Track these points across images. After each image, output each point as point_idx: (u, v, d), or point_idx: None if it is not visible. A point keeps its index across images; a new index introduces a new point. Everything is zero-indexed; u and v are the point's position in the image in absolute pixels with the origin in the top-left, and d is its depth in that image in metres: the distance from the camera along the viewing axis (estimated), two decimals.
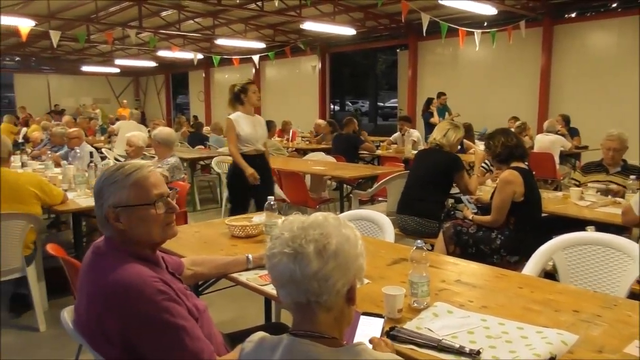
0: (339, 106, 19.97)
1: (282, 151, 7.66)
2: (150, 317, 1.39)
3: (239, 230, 2.66)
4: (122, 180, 1.52)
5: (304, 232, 1.11)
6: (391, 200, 4.77)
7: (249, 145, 4.48)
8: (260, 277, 2.06)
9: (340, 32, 11.23)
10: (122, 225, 1.52)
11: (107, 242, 1.56)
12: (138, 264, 1.49)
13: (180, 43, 14.49)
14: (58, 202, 3.67)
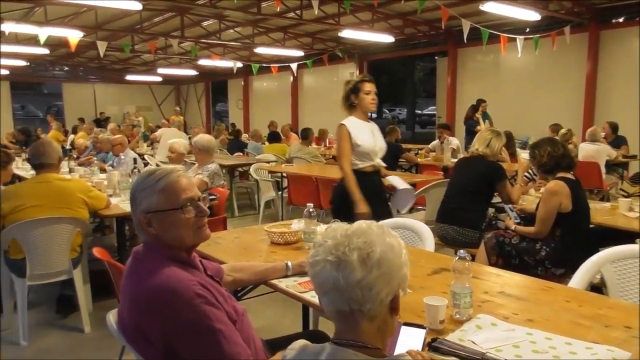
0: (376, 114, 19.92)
1: (319, 159, 7.69)
2: (188, 320, 1.41)
3: (278, 237, 2.67)
4: (152, 186, 1.56)
5: (347, 240, 1.10)
6: (430, 208, 4.71)
7: (366, 160, 3.54)
8: (299, 284, 2.06)
9: (378, 39, 11.21)
10: (154, 230, 1.55)
11: (145, 246, 1.59)
12: (176, 268, 1.51)
13: (221, 52, 14.79)
14: (103, 207, 3.79)
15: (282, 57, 14.56)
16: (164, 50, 14.60)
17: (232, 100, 21.46)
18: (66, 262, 3.49)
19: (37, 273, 3.39)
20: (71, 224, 3.45)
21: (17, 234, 3.30)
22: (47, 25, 9.45)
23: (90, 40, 11.42)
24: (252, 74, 16.99)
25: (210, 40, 12.96)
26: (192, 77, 20.45)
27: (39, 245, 3.35)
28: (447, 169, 6.72)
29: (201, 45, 13.71)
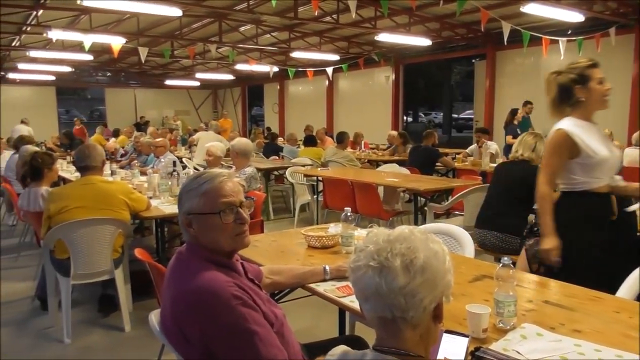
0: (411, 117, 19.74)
1: (355, 162, 7.66)
2: (225, 321, 1.43)
3: (315, 241, 2.67)
4: (195, 189, 1.60)
5: (389, 246, 1.09)
6: (468, 214, 4.62)
7: (600, 176, 2.56)
8: (337, 288, 2.05)
9: (415, 42, 11.12)
10: (193, 231, 1.59)
11: (188, 247, 1.63)
12: (214, 270, 1.53)
13: (257, 56, 14.97)
14: (143, 209, 3.88)
15: (317, 61, 14.62)
16: (202, 55, 14.89)
17: (267, 104, 21.68)
18: (108, 263, 3.59)
19: (80, 272, 3.50)
20: (113, 225, 3.54)
21: (62, 234, 3.42)
22: (91, 33, 9.79)
23: (132, 47, 11.76)
24: (287, 78, 17.13)
25: (247, 45, 13.14)
26: (229, 82, 20.77)
27: (82, 245, 3.46)
28: (486, 173, 6.59)
29: (238, 50, 13.92)
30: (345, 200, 5.55)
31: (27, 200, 4.25)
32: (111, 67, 18.33)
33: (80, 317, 3.89)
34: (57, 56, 13.66)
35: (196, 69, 18.45)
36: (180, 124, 19.10)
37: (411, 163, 7.23)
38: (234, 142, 4.84)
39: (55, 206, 3.47)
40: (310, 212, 7.29)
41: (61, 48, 12.82)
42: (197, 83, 20.40)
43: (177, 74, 20.08)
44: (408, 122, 17.60)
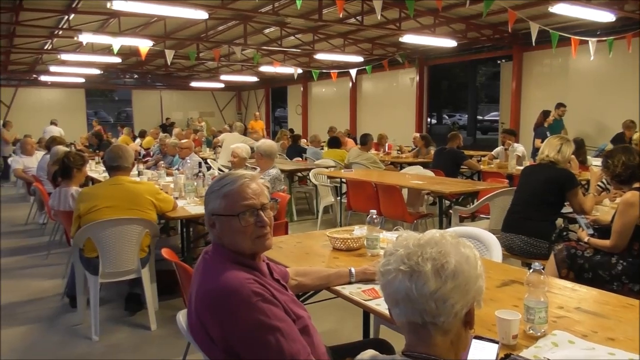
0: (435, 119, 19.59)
1: (379, 165, 7.62)
2: (246, 318, 1.43)
3: (340, 243, 2.66)
4: (218, 190, 1.62)
5: (420, 250, 1.07)
6: (494, 217, 4.55)
7: None
8: (363, 291, 2.04)
9: (440, 44, 11.02)
10: (216, 232, 1.62)
11: (213, 247, 1.65)
12: (236, 269, 1.54)
13: (281, 58, 15.04)
14: (170, 210, 3.92)
15: (341, 63, 14.61)
16: (227, 57, 15.02)
17: (291, 105, 21.77)
18: (135, 262, 3.64)
19: (108, 271, 3.56)
20: (141, 225, 3.60)
21: (91, 233, 3.48)
22: (120, 36, 9.98)
23: (158, 49, 11.95)
24: (311, 80, 17.18)
25: (272, 47, 13.21)
26: (253, 84, 20.92)
27: (111, 244, 3.52)
28: (512, 176, 6.48)
29: (263, 52, 14.00)
30: (369, 203, 5.53)
31: (57, 199, 4.35)
32: (138, 70, 18.64)
33: (107, 315, 3.96)
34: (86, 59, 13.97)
35: (221, 71, 18.63)
36: (205, 125, 19.30)
37: (435, 165, 7.15)
38: (259, 144, 4.87)
39: (85, 206, 3.54)
40: (334, 213, 7.29)
41: (91, 51, 13.10)
42: (221, 85, 20.59)
43: (202, 76, 20.31)
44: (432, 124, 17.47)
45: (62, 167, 4.38)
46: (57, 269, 5.09)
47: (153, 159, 8.23)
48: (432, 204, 7.45)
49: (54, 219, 5.21)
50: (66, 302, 4.23)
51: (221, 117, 23.56)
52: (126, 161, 3.73)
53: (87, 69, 15.40)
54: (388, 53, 14.02)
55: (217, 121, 22.44)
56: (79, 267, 3.73)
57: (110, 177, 3.76)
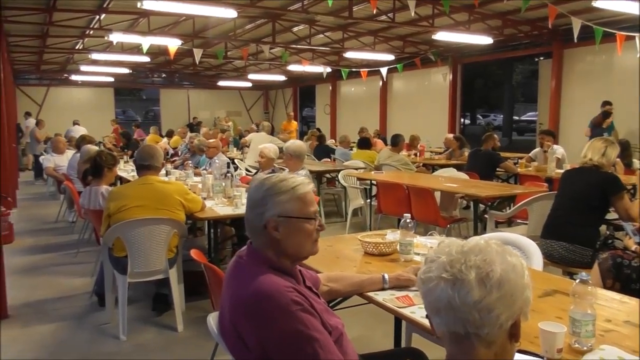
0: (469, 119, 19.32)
1: (410, 166, 7.55)
2: (283, 327, 1.43)
3: (372, 248, 2.64)
4: (289, 192, 1.61)
5: (464, 257, 1.05)
6: (532, 223, 4.45)
7: None
8: (397, 298, 2.01)
9: (475, 41, 10.86)
10: (279, 235, 1.59)
11: (250, 251, 1.64)
12: (274, 275, 1.54)
13: (310, 57, 15.07)
14: (198, 210, 3.97)
15: (371, 61, 14.55)
16: (255, 56, 15.14)
17: (319, 105, 21.79)
18: (163, 262, 3.69)
19: (137, 271, 3.62)
20: (169, 225, 3.65)
21: (121, 233, 3.55)
22: (149, 35, 10.17)
23: (186, 48, 12.11)
24: (340, 79, 17.16)
25: (300, 46, 13.25)
26: (281, 83, 21.04)
27: (140, 244, 3.58)
28: (551, 180, 6.32)
29: (291, 50, 14.06)
30: (400, 206, 5.50)
31: (87, 198, 4.44)
32: (166, 69, 18.98)
33: (134, 315, 4.02)
34: (116, 58, 14.31)
35: (248, 70, 18.78)
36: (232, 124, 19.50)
37: (470, 168, 7.04)
38: (288, 144, 4.88)
39: (115, 205, 3.61)
40: (363, 216, 7.25)
41: (120, 50, 13.41)
42: (248, 84, 20.78)
43: (229, 75, 20.53)
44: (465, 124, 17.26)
45: (93, 166, 4.48)
46: (86, 267, 5.21)
47: (180, 159, 8.35)
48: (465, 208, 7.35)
49: (84, 217, 5.33)
50: (95, 300, 4.33)
51: (248, 117, 23.75)
52: (157, 161, 3.81)
53: (116, 68, 15.78)
54: (420, 51, 13.90)
55: (244, 121, 22.64)
56: (108, 266, 3.80)
57: (140, 177, 3.83)
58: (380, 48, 13.52)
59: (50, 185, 10.26)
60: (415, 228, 5.72)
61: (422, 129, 13.43)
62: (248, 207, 1.65)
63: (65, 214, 7.70)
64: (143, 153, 3.81)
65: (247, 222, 1.64)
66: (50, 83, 20.16)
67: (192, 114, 22.43)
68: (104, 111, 20.63)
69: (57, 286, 4.81)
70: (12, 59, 14.43)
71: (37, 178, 12.62)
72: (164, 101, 23.11)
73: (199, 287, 4.19)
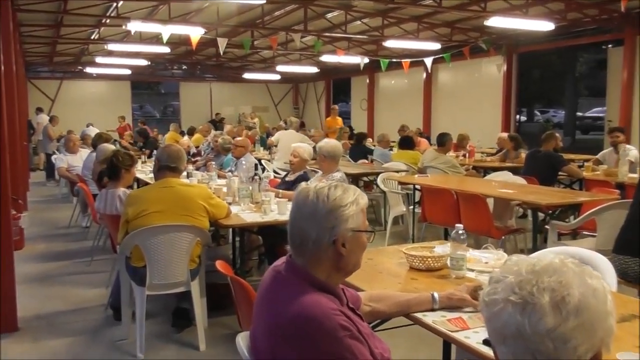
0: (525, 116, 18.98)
1: (459, 169, 7.45)
2: (330, 353, 1.42)
3: (419, 262, 2.63)
4: (356, 203, 1.64)
5: (535, 278, 1.01)
6: (602, 235, 4.32)
7: None
8: (449, 320, 1.99)
9: (533, 27, 10.64)
10: (345, 250, 1.61)
11: (291, 266, 1.63)
12: (318, 294, 1.54)
13: (345, 46, 15.07)
14: (223, 216, 4.01)
15: (414, 50, 14.45)
16: (284, 45, 15.24)
17: (355, 100, 21.78)
18: (185, 273, 3.73)
19: (156, 283, 3.67)
20: (192, 232, 3.69)
21: (139, 240, 3.61)
22: (170, 23, 10.35)
23: (210, 37, 12.27)
24: (379, 71, 17.08)
25: (335, 34, 13.27)
26: (313, 75, 21.09)
27: (159, 253, 3.63)
28: (624, 185, 6.13)
29: (324, 39, 14.08)
30: (448, 214, 5.43)
31: (104, 202, 4.54)
32: (187, 60, 19.28)
33: (153, 330, 4.08)
34: (134, 49, 14.63)
35: (277, 61, 18.92)
36: (258, 121, 19.67)
37: (528, 171, 6.91)
38: (322, 144, 4.88)
39: (134, 210, 3.67)
40: (405, 225, 7.20)
41: (138, 40, 13.69)
42: (277, 76, 20.92)
43: (255, 67, 20.72)
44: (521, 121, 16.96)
45: (109, 167, 4.58)
46: (100, 277, 5.32)
47: (203, 159, 8.45)
48: (521, 217, 7.22)
49: (99, 222, 5.46)
50: (110, 313, 4.41)
51: (276, 113, 23.90)
52: (182, 164, 3.89)
53: (133, 60, 16.13)
54: (470, 39, 13.72)
55: (272, 117, 22.82)
56: (125, 276, 3.87)
57: (160, 179, 3.87)
58: (424, 36, 13.42)
59: (63, 186, 10.55)
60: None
61: (472, 127, 13.25)
62: (306, 220, 1.61)
63: (78, 219, 7.90)
64: (170, 153, 3.85)
65: (303, 236, 1.60)
66: (63, 76, 20.78)
67: (215, 109, 22.69)
68: (120, 106, 21.10)
69: (70, 297, 4.94)
70: (24, 50, 14.90)
71: (49, 179, 13.00)
72: (184, 95, 23.48)
73: (223, 302, 4.23)
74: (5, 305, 4.07)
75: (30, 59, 17.60)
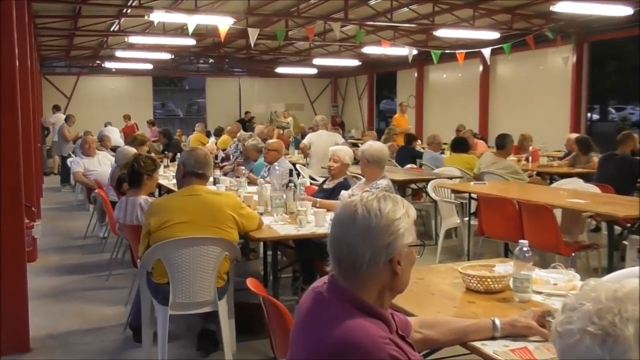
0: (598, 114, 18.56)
1: (521, 176, 7.35)
2: None
3: (476, 283, 2.61)
4: (409, 215, 1.66)
5: (618, 306, 1.00)
6: None
7: None
8: (512, 350, 1.97)
9: (608, 12, 10.42)
10: (400, 269, 1.62)
11: (335, 289, 1.62)
12: (367, 320, 1.53)
13: (391, 36, 15.05)
14: (254, 228, 4.03)
15: (469, 40, 14.33)
16: (322, 36, 15.31)
17: (401, 96, 21.70)
18: (211, 291, 3.77)
19: (180, 301, 3.72)
20: (219, 246, 3.73)
21: (162, 254, 3.67)
22: (196, 13, 10.54)
23: (239, 28, 12.43)
24: (429, 63, 17.03)
25: (379, 22, 13.26)
26: (354, 68, 21.15)
27: (184, 268, 3.68)
28: None
29: (367, 28, 14.10)
30: (509, 227, 5.38)
31: (123, 210, 4.64)
32: (214, 53, 19.56)
33: (176, 354, 4.15)
34: (156, 41, 14.94)
35: (313, 53, 19.02)
36: (292, 121, 19.79)
37: (601, 178, 6.80)
38: (365, 147, 4.88)
39: (156, 220, 3.72)
40: (459, 239, 7.14)
41: (162, 32, 13.98)
42: (313, 71, 21.03)
43: (290, 60, 20.89)
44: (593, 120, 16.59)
45: (130, 172, 4.67)
46: (119, 293, 5.44)
47: (231, 163, 8.54)
48: (594, 231, 7.06)
49: (119, 233, 5.57)
50: (129, 334, 4.50)
51: (312, 111, 23.99)
52: (210, 170, 3.95)
53: (156, 54, 16.48)
54: (533, 27, 13.51)
55: (307, 116, 22.91)
56: (146, 294, 3.93)
57: (185, 186, 3.90)
58: (481, 24, 13.30)
59: (79, 192, 10.82)
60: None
61: (536, 127, 13.06)
62: (357, 238, 1.59)
63: (95, 229, 8.08)
64: (198, 158, 3.87)
65: (355, 257, 1.58)
66: (80, 72, 21.39)
67: (244, 107, 22.97)
68: (141, 104, 21.57)
69: (86, 315, 5.06)
70: (39, 43, 15.39)
71: (64, 184, 13.35)
72: (210, 92, 23.86)
73: (254, 324, 4.27)
74: (17, 324, 4.18)
75: (45, 52, 18.12)
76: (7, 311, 4.08)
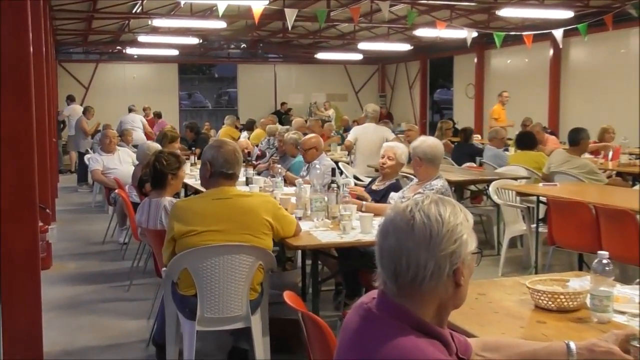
0: None
1: (599, 176, 7.20)
2: None
3: (547, 300, 2.58)
4: (468, 219, 1.67)
5: None
6: None
7: None
8: None
9: None
10: (463, 280, 1.64)
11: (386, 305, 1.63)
12: (424, 341, 1.54)
13: (447, 16, 14.92)
14: (291, 234, 4.03)
15: (538, 21, 14.11)
16: (368, 17, 15.28)
17: (459, 85, 21.54)
18: (244, 305, 3.79)
19: (209, 316, 3.75)
20: (252, 254, 3.74)
21: (189, 263, 3.70)
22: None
23: (275, 8, 12.51)
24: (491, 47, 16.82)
25: (434, 1, 13.16)
26: (404, 54, 21.01)
27: (213, 279, 3.71)
28: None
29: (420, 8, 14.01)
30: (584, 235, 5.34)
31: (146, 213, 4.71)
32: (247, 37, 19.70)
33: None
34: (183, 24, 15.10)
35: (358, 37, 19.01)
36: (334, 113, 19.80)
37: None
38: (417, 143, 4.85)
39: (181, 226, 3.74)
40: (525, 249, 7.05)
41: (189, 14, 14.15)
42: (358, 56, 21.01)
43: (331, 45, 20.92)
44: None
45: (152, 172, 4.72)
46: (141, 305, 5.53)
47: (266, 161, 8.57)
48: None
49: (141, 239, 5.65)
50: (152, 351, 4.55)
51: (356, 101, 23.96)
52: (239, 168, 3.93)
53: (182, 38, 16.68)
54: (614, 3, 13.24)
55: (351, 107, 22.91)
56: (171, 307, 3.98)
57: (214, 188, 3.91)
58: (552, 1, 13.10)
59: (97, 193, 11.02)
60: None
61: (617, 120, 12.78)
62: (418, 248, 1.59)
63: (115, 233, 8.22)
64: (227, 157, 3.83)
65: (417, 270, 1.58)
66: (99, 58, 21.80)
67: (280, 98, 23.08)
68: (165, 94, 21.88)
69: (105, 329, 5.16)
70: (54, 27, 15.71)
71: (81, 183, 13.59)
72: (242, 81, 24.02)
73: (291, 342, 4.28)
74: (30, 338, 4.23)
75: (61, 37, 18.48)
76: (18, 324, 4.13)
